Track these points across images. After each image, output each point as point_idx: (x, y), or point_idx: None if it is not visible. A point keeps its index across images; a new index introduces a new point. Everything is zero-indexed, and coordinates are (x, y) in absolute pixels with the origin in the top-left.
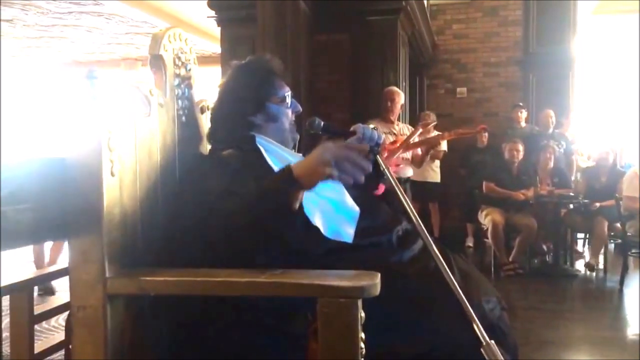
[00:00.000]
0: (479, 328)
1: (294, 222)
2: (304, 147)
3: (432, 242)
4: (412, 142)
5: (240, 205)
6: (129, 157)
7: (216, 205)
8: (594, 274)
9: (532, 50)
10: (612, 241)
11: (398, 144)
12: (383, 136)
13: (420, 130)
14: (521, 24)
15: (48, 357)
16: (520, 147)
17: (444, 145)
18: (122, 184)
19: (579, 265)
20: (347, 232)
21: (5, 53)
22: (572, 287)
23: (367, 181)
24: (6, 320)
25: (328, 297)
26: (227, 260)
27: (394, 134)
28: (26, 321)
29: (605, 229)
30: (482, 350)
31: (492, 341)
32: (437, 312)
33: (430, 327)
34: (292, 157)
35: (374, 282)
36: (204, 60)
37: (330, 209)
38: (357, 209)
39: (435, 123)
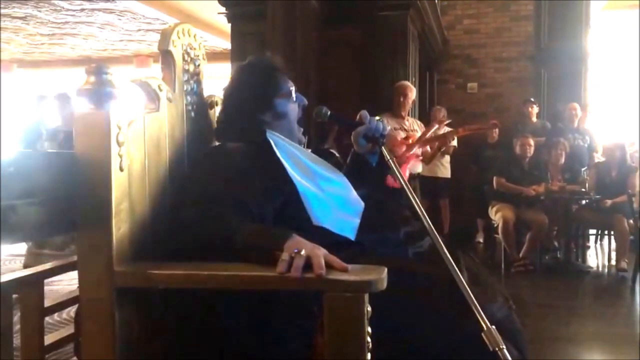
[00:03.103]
0: (480, 315)
1: None
2: (314, 137)
3: (439, 238)
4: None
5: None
6: (138, 151)
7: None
8: (606, 270)
9: (543, 46)
10: None
11: (410, 140)
12: (389, 127)
13: (437, 126)
14: (533, 18)
15: (58, 350)
16: (532, 142)
17: (454, 141)
18: (130, 178)
19: (591, 262)
20: (351, 227)
21: (19, 50)
22: (583, 283)
23: (375, 173)
24: (16, 314)
25: (334, 291)
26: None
27: (405, 129)
28: (36, 314)
29: (626, 225)
30: (482, 335)
31: (493, 326)
32: (441, 305)
33: (434, 320)
34: (300, 153)
35: (381, 277)
36: (215, 56)
37: (335, 205)
38: (362, 203)
39: (446, 120)
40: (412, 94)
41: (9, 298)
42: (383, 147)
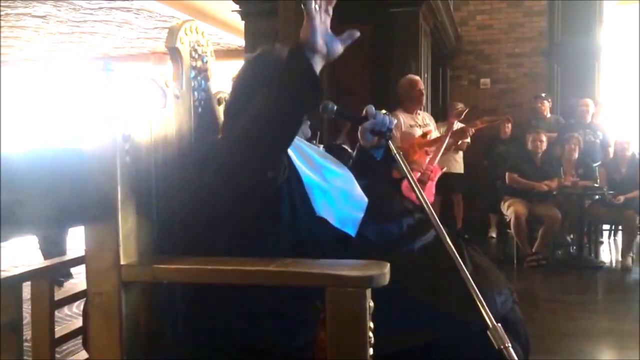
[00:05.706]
0: (486, 312)
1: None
2: (326, 133)
3: (444, 230)
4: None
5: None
6: (145, 147)
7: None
8: (619, 265)
9: (556, 41)
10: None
11: (429, 136)
12: (395, 122)
13: (456, 121)
14: (546, 14)
15: (68, 342)
16: (544, 138)
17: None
18: (137, 174)
19: (604, 257)
20: (354, 222)
21: (40, 49)
22: (595, 278)
23: (380, 168)
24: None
25: (336, 286)
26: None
27: (418, 124)
28: (46, 306)
29: (637, 222)
30: (488, 333)
31: (499, 324)
32: (446, 300)
33: (439, 315)
34: (306, 145)
35: (383, 272)
36: (230, 53)
37: (339, 198)
38: (365, 199)
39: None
40: (420, 86)
41: (18, 291)
42: (390, 142)
